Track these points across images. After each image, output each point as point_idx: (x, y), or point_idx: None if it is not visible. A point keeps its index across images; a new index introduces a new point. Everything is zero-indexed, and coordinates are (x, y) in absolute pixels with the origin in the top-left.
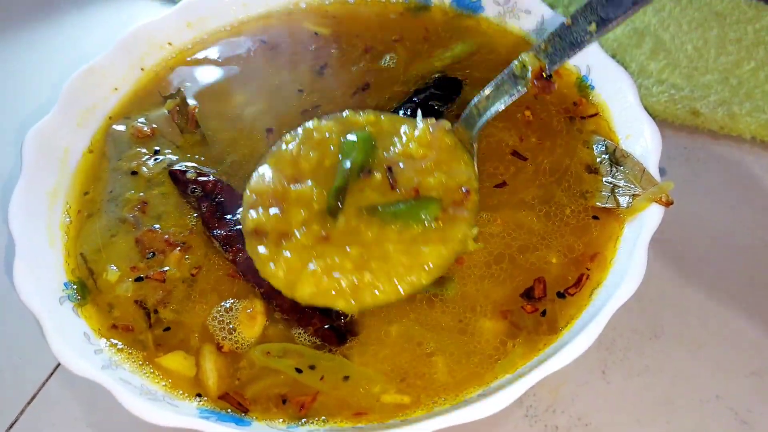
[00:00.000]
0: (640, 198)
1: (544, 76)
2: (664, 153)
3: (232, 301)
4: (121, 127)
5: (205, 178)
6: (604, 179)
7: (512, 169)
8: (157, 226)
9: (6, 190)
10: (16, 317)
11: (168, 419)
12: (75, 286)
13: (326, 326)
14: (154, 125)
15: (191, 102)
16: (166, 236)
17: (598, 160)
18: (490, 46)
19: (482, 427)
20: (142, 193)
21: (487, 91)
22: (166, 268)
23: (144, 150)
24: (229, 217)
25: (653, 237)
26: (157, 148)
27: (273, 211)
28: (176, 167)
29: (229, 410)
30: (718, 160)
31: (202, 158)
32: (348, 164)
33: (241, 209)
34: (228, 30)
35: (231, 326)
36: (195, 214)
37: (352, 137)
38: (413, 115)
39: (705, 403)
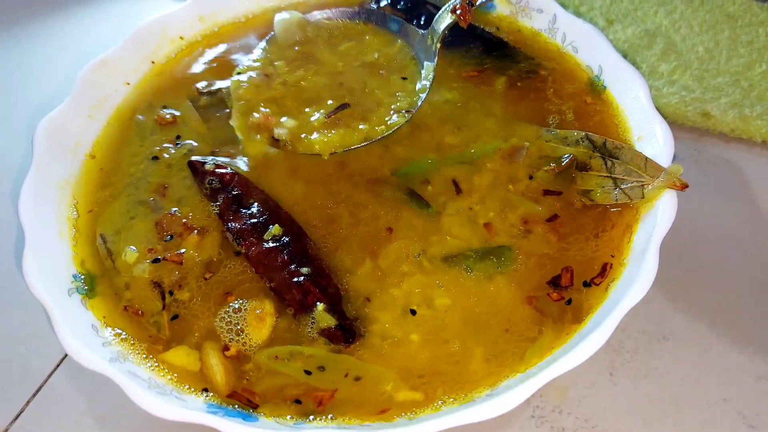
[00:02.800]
0: (653, 186)
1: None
2: (675, 154)
3: (241, 301)
4: (143, 114)
5: (223, 170)
6: (599, 175)
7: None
8: (176, 209)
9: (17, 181)
10: (23, 308)
11: (176, 413)
12: (83, 278)
13: (334, 326)
14: (177, 113)
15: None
16: (185, 220)
17: (589, 156)
18: None
19: (489, 428)
20: (162, 178)
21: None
22: (183, 250)
23: (166, 136)
24: (244, 210)
25: (663, 238)
26: (179, 134)
27: None
28: (195, 158)
29: (237, 406)
30: (728, 162)
31: (224, 147)
32: None
33: (253, 203)
34: (240, 23)
35: (239, 327)
36: (216, 203)
37: None
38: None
39: (712, 406)
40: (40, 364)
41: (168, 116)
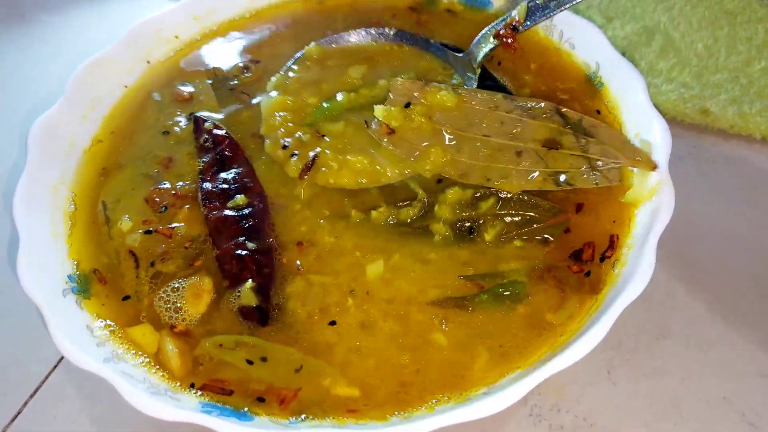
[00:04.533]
0: (624, 164)
1: (515, 28)
2: (673, 152)
3: (180, 281)
4: (160, 92)
5: (219, 131)
6: (572, 154)
7: None
8: (178, 183)
9: (10, 182)
10: (20, 310)
11: (170, 413)
12: (77, 279)
13: (253, 305)
14: (194, 90)
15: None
16: (177, 192)
17: (559, 132)
18: None
19: (486, 426)
20: (169, 152)
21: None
22: (175, 225)
23: (179, 111)
24: (221, 174)
25: (661, 236)
26: (193, 111)
27: None
28: (201, 114)
29: (213, 397)
30: (727, 159)
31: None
32: None
33: (232, 169)
34: (237, 20)
35: (177, 305)
36: (202, 160)
37: None
38: None
39: (712, 405)
40: (37, 366)
41: (185, 93)
